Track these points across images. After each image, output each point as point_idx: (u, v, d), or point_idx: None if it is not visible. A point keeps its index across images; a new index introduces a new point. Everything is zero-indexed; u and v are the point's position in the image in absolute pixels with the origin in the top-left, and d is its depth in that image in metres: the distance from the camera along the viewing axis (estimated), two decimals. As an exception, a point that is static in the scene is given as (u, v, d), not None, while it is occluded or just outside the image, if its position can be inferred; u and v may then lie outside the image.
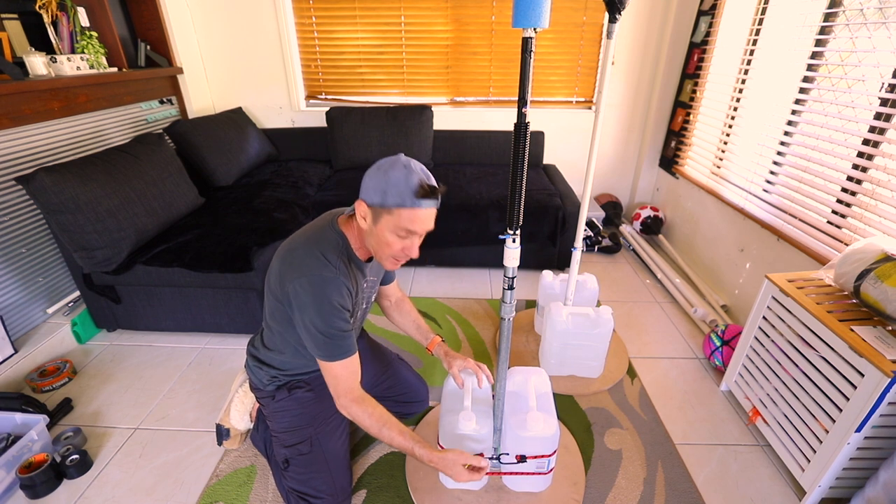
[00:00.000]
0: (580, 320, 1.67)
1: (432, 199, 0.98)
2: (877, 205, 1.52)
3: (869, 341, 1.13)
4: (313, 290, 1.00)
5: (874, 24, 1.61)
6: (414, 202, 0.96)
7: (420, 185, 0.95)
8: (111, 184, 1.78)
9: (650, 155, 3.04)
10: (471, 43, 2.88)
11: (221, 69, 2.97)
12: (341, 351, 1.05)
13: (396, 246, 1.01)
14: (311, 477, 1.21)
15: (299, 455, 1.21)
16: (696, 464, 1.43)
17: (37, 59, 1.88)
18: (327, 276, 1.00)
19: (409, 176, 0.95)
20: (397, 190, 0.95)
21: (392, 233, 0.99)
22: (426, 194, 0.96)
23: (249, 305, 1.93)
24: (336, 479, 1.23)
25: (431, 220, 1.02)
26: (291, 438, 1.22)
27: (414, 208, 0.96)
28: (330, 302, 1.00)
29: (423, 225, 1.00)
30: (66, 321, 1.95)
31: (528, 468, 1.25)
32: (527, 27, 0.79)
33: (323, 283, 1.00)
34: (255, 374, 1.26)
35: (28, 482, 1.31)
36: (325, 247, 1.04)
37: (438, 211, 1.04)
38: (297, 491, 1.20)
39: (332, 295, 1.00)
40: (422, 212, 0.98)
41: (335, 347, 1.04)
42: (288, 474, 1.22)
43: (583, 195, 1.64)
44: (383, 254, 1.05)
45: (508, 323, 1.09)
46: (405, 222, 0.98)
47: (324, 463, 1.22)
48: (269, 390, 1.25)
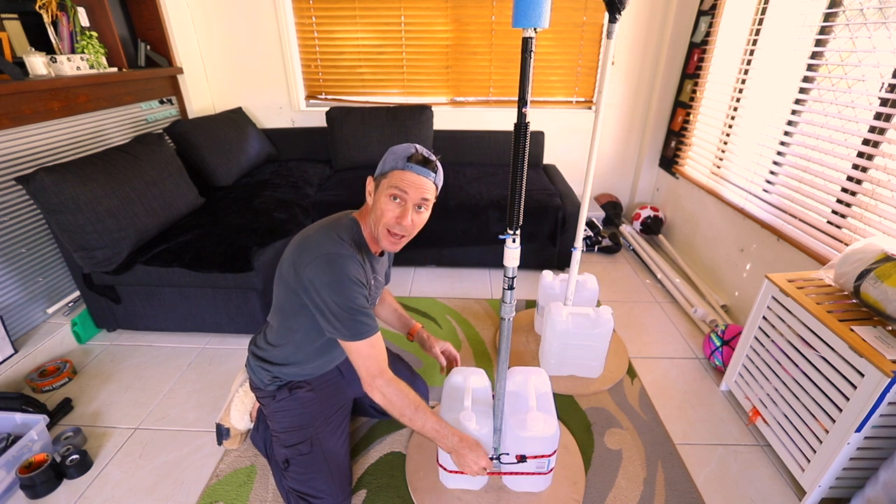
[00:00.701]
0: (580, 320, 1.67)
1: (425, 168, 1.03)
2: (877, 205, 1.52)
3: (869, 341, 1.13)
4: (331, 268, 1.01)
5: (874, 24, 1.61)
6: (406, 164, 1.03)
7: (415, 152, 1.04)
8: (111, 184, 1.78)
9: (650, 155, 3.04)
10: (471, 43, 2.88)
11: (221, 69, 2.97)
12: (366, 328, 1.05)
13: (390, 213, 1.04)
14: (311, 477, 1.21)
15: (299, 455, 1.21)
16: (696, 464, 1.43)
17: (37, 59, 1.88)
18: (343, 252, 1.03)
19: (409, 147, 1.05)
20: (394, 157, 1.04)
21: (386, 195, 1.04)
22: (419, 161, 1.03)
23: (249, 305, 1.93)
24: (336, 480, 1.23)
25: (423, 187, 1.04)
26: (292, 438, 1.22)
27: (405, 170, 1.03)
28: (349, 276, 1.02)
29: (412, 188, 1.03)
30: (66, 321, 1.95)
31: (528, 468, 1.25)
32: (527, 27, 0.79)
33: (340, 259, 1.02)
34: (256, 373, 1.26)
35: (28, 482, 1.31)
36: (340, 230, 1.09)
37: (438, 211, 1.05)
38: (298, 491, 1.20)
39: (350, 270, 1.02)
40: (412, 175, 1.03)
41: (359, 325, 1.04)
42: (288, 474, 1.22)
43: (583, 195, 1.64)
44: (379, 225, 1.07)
45: (508, 323, 1.09)
46: (396, 181, 1.03)
47: (323, 463, 1.22)
48: (269, 390, 1.25)
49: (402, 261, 2.57)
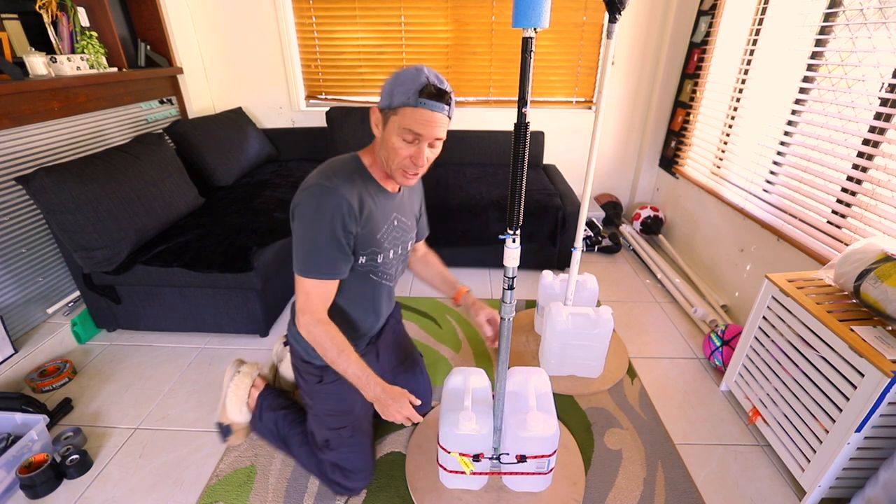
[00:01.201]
0: (580, 320, 1.67)
1: (439, 102, 0.95)
2: (877, 205, 1.52)
3: (869, 341, 1.13)
4: (310, 199, 0.99)
5: (874, 24, 1.61)
6: (418, 101, 0.93)
7: (426, 83, 0.93)
8: (111, 184, 1.78)
9: (650, 155, 3.04)
10: (471, 43, 2.88)
11: (221, 69, 2.97)
12: (319, 268, 1.02)
13: (403, 152, 0.99)
14: (349, 456, 1.28)
15: (340, 438, 1.26)
16: (696, 464, 1.43)
17: (37, 59, 1.88)
18: (326, 185, 0.99)
19: (417, 76, 0.94)
20: (403, 88, 0.94)
21: (398, 136, 0.97)
22: (431, 94, 0.93)
23: (249, 305, 1.93)
24: (370, 458, 1.34)
25: (438, 125, 0.98)
26: (335, 422, 1.26)
27: (418, 107, 0.94)
28: (322, 212, 0.98)
29: (427, 127, 0.96)
30: (66, 321, 1.95)
31: (528, 468, 1.25)
32: (527, 27, 0.79)
33: (321, 191, 0.98)
34: (300, 343, 1.23)
35: (28, 482, 1.31)
36: (337, 164, 1.05)
37: (438, 211, 1.03)
38: (337, 464, 1.27)
39: (326, 205, 0.98)
40: (426, 112, 0.95)
41: (313, 261, 1.01)
42: (329, 451, 1.27)
43: (583, 195, 1.64)
44: (393, 164, 1.02)
45: (508, 323, 1.09)
46: (409, 122, 0.95)
47: (362, 445, 1.30)
48: (316, 365, 1.23)
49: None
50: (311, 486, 1.35)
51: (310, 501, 1.30)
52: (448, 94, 0.96)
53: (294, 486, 1.35)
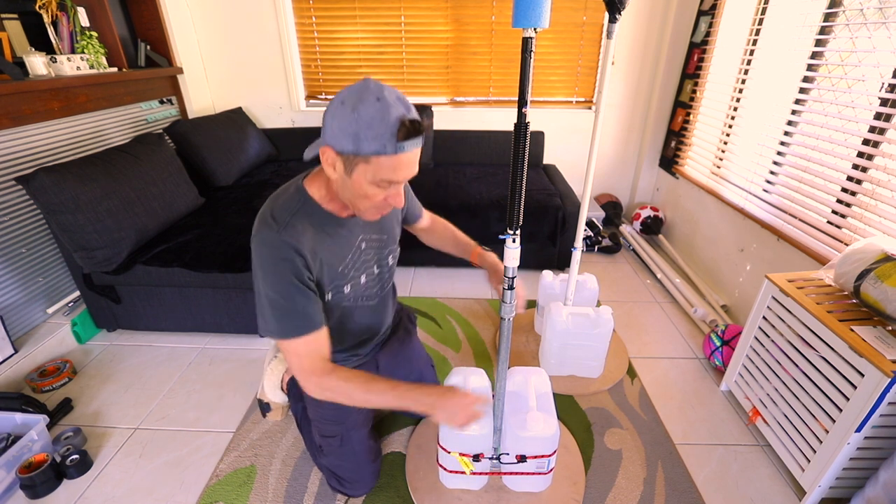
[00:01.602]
0: (580, 320, 1.67)
1: (417, 137, 0.81)
2: (877, 205, 1.52)
3: (869, 341, 1.13)
4: (255, 252, 0.89)
5: (874, 24, 1.61)
6: (396, 146, 0.79)
7: (401, 122, 0.78)
8: (111, 184, 1.78)
9: (650, 155, 3.04)
10: (471, 43, 2.88)
11: (221, 69, 2.97)
12: (296, 326, 0.89)
13: (378, 197, 0.87)
14: (341, 465, 1.28)
15: (331, 447, 1.26)
16: (696, 464, 1.43)
17: (37, 59, 1.88)
18: (266, 235, 0.88)
19: (385, 112, 0.77)
20: (372, 133, 0.78)
21: (372, 184, 0.84)
22: (409, 133, 0.79)
23: (249, 305, 1.93)
24: (365, 467, 1.30)
25: (415, 163, 0.86)
26: (327, 429, 1.26)
27: (397, 154, 0.80)
28: (271, 265, 0.87)
29: (406, 171, 0.85)
30: (66, 321, 1.95)
31: (528, 468, 1.25)
32: (527, 27, 0.79)
33: (262, 243, 0.88)
34: None
35: (28, 482, 1.31)
36: (278, 205, 0.93)
37: (438, 211, 1.00)
38: (332, 471, 1.29)
39: (271, 257, 0.87)
40: (405, 156, 0.82)
41: (286, 321, 0.89)
42: (324, 456, 1.29)
43: (583, 195, 1.64)
44: (361, 206, 0.90)
45: (508, 323, 1.09)
46: (387, 173, 0.82)
47: (352, 455, 1.27)
48: None
49: (402, 261, 2.56)
50: (311, 486, 1.35)
51: (310, 501, 1.30)
52: (420, 122, 0.81)
53: (294, 486, 1.35)
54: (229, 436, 1.52)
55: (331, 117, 0.82)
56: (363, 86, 0.80)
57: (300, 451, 1.46)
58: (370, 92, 0.79)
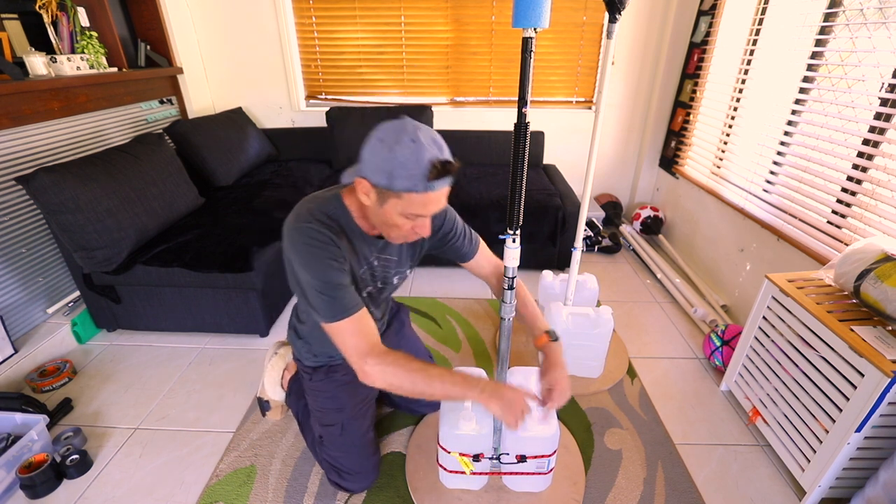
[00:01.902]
0: (580, 320, 1.67)
1: (447, 177, 0.88)
2: (877, 205, 1.52)
3: (869, 341, 1.13)
4: (297, 242, 0.94)
5: (874, 24, 1.61)
6: (426, 185, 0.85)
7: (432, 164, 0.84)
8: (111, 184, 1.78)
9: (650, 155, 3.04)
10: (471, 43, 2.88)
11: (221, 69, 2.97)
12: (345, 307, 0.94)
13: (406, 227, 0.95)
14: (341, 455, 1.28)
15: (331, 436, 1.27)
16: (696, 464, 1.43)
17: (37, 59, 1.88)
18: (306, 226, 0.94)
19: (419, 153, 0.84)
20: (406, 172, 0.84)
21: (401, 216, 0.92)
22: (439, 174, 0.85)
23: (249, 305, 1.93)
24: (366, 458, 1.31)
25: (444, 198, 0.93)
26: (326, 418, 1.28)
27: (427, 192, 0.87)
28: (316, 253, 0.92)
29: (435, 207, 0.92)
30: (66, 321, 1.95)
31: (528, 468, 1.25)
32: (527, 27, 0.79)
33: (302, 232, 0.94)
34: (295, 345, 1.30)
35: (28, 482, 1.31)
36: (316, 205, 0.99)
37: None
38: (331, 463, 1.30)
39: (315, 243, 0.93)
40: (434, 195, 0.89)
41: (337, 304, 0.94)
42: (323, 447, 1.30)
43: (583, 195, 1.64)
44: (391, 234, 0.99)
45: (508, 323, 1.09)
46: (417, 208, 0.89)
47: (352, 446, 1.28)
48: (308, 366, 1.27)
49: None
50: (311, 486, 1.35)
51: (310, 501, 1.30)
52: (451, 163, 0.87)
53: (294, 486, 1.35)
54: (229, 436, 1.52)
55: (369, 153, 0.89)
56: (401, 126, 0.87)
57: (300, 451, 1.46)
58: (406, 133, 0.85)
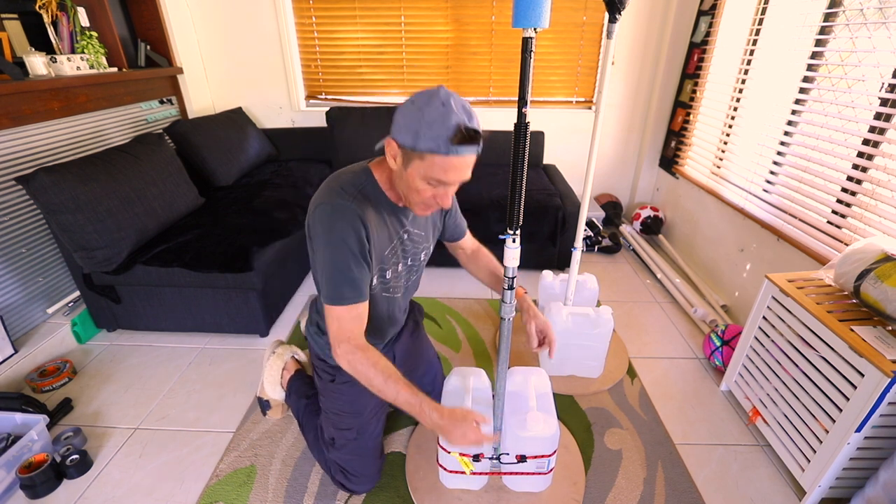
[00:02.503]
0: (580, 320, 1.67)
1: (472, 145, 0.86)
2: (877, 205, 1.52)
3: (869, 341, 1.13)
4: (323, 217, 0.95)
5: (874, 24, 1.61)
6: (449, 149, 0.85)
7: (458, 128, 0.83)
8: (111, 184, 1.78)
9: (650, 155, 3.04)
10: (471, 43, 2.88)
11: (221, 69, 2.97)
12: (344, 293, 0.96)
13: (427, 193, 0.94)
14: (353, 459, 1.28)
15: (346, 440, 1.27)
16: (696, 464, 1.43)
17: (37, 59, 1.88)
18: (337, 202, 0.94)
19: (447, 116, 0.83)
20: (431, 133, 0.84)
21: (423, 180, 0.91)
22: (464, 139, 0.84)
23: (249, 305, 1.93)
24: (374, 464, 1.31)
25: (468, 168, 0.91)
26: (342, 422, 1.27)
27: (449, 156, 0.86)
28: (337, 232, 0.94)
29: (458, 175, 0.90)
30: (66, 321, 1.95)
31: (528, 468, 1.25)
32: (527, 27, 0.79)
33: (332, 209, 0.94)
34: (316, 341, 1.27)
35: (28, 482, 1.31)
36: (346, 179, 1.00)
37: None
38: (340, 465, 1.28)
39: (339, 224, 0.94)
40: (457, 159, 0.87)
41: (337, 289, 0.96)
42: (334, 450, 1.28)
43: (583, 195, 1.64)
44: (412, 199, 0.98)
45: (508, 323, 1.09)
46: (438, 171, 0.88)
47: (365, 449, 1.29)
48: (331, 364, 1.24)
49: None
50: (311, 486, 1.35)
51: (310, 501, 1.30)
52: (480, 133, 0.87)
53: (294, 486, 1.35)
54: (229, 436, 1.52)
55: (400, 114, 0.90)
56: (434, 91, 0.87)
57: (300, 451, 1.46)
58: (438, 97, 0.86)
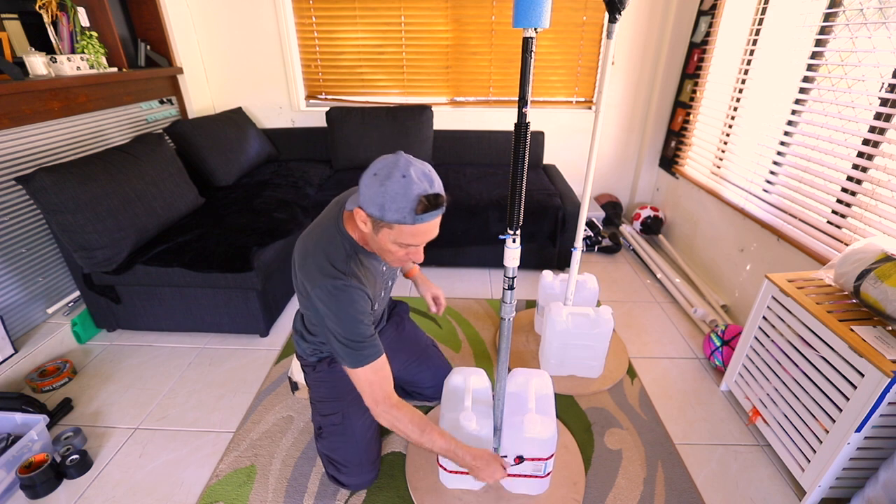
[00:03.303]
0: (580, 320, 1.67)
1: (435, 210, 0.93)
2: (877, 205, 1.52)
3: (869, 341, 1.13)
4: (329, 301, 1.00)
5: (874, 24, 1.61)
6: (415, 219, 0.91)
7: (420, 199, 0.90)
8: (111, 184, 1.78)
9: (650, 155, 3.04)
10: (471, 43, 2.88)
11: (221, 69, 2.97)
12: (366, 357, 1.04)
13: (399, 253, 1.01)
14: (340, 446, 1.30)
15: (332, 425, 1.30)
16: (696, 464, 1.43)
17: (37, 59, 1.88)
18: (339, 285, 1.00)
19: (408, 188, 0.89)
20: (396, 206, 0.90)
21: (394, 244, 0.98)
22: (427, 208, 0.91)
23: (249, 305, 1.93)
24: (363, 452, 1.31)
25: (435, 229, 0.99)
26: (326, 408, 1.31)
27: (415, 224, 0.93)
28: (346, 311, 1.01)
29: (425, 237, 0.98)
30: (66, 321, 1.95)
31: (525, 470, 1.25)
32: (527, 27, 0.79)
33: (337, 292, 1.00)
34: (299, 345, 1.34)
35: (28, 482, 1.31)
36: (334, 255, 1.03)
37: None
38: (328, 456, 1.31)
39: (347, 304, 1.01)
40: (423, 226, 0.94)
41: (359, 354, 1.03)
42: (321, 440, 1.32)
43: (583, 195, 1.64)
44: (387, 258, 1.05)
45: (508, 323, 1.09)
46: (407, 238, 0.96)
47: (352, 436, 1.30)
48: (311, 361, 1.32)
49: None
50: (311, 486, 1.35)
51: (310, 501, 1.30)
52: (442, 196, 0.93)
53: (294, 486, 1.35)
54: (229, 436, 1.52)
55: (365, 185, 0.94)
56: (394, 161, 0.92)
57: (300, 451, 1.46)
58: (398, 168, 0.90)
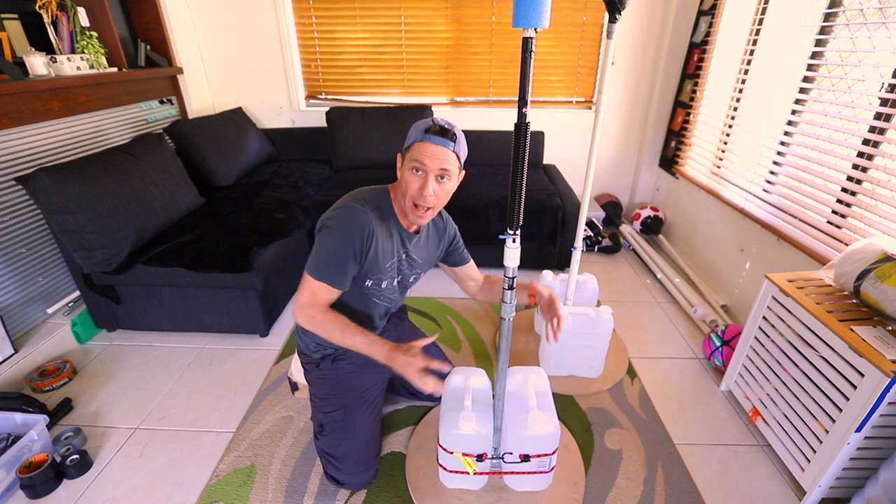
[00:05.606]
0: (580, 320, 1.67)
1: (442, 137, 1.07)
2: (877, 205, 1.52)
3: (869, 341, 1.13)
4: (339, 214, 1.10)
5: (874, 24, 1.61)
6: (423, 136, 1.08)
7: (432, 122, 1.09)
8: (111, 184, 1.78)
9: (650, 155, 3.04)
10: (471, 43, 2.88)
11: (221, 69, 2.97)
12: (331, 275, 1.10)
13: (413, 185, 1.10)
14: (340, 443, 1.31)
15: (333, 422, 1.31)
16: (696, 464, 1.43)
17: (37, 59, 1.88)
18: (356, 207, 1.11)
19: (427, 120, 1.11)
20: (415, 131, 1.11)
21: (409, 169, 1.10)
22: (436, 131, 1.07)
23: (249, 305, 1.93)
24: (362, 449, 1.32)
25: (441, 157, 1.08)
26: (327, 406, 1.32)
27: (424, 142, 1.08)
28: (348, 228, 1.09)
29: (431, 159, 1.08)
30: (66, 321, 1.95)
31: (530, 467, 1.25)
32: (527, 27, 0.79)
33: (352, 212, 1.10)
34: (301, 339, 1.36)
35: (28, 482, 1.31)
36: (367, 193, 1.17)
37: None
38: (326, 452, 1.32)
39: (352, 223, 1.09)
40: (431, 146, 1.07)
41: (326, 268, 1.10)
42: (322, 437, 1.33)
43: (583, 195, 1.64)
44: (407, 201, 1.13)
45: (508, 323, 1.09)
46: (416, 154, 1.09)
47: (354, 433, 1.31)
48: (314, 357, 1.34)
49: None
50: (311, 486, 1.35)
51: (310, 501, 1.30)
52: (452, 131, 1.09)
53: (294, 486, 1.35)
54: (229, 436, 1.52)
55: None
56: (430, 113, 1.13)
57: (300, 451, 1.46)
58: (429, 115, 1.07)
